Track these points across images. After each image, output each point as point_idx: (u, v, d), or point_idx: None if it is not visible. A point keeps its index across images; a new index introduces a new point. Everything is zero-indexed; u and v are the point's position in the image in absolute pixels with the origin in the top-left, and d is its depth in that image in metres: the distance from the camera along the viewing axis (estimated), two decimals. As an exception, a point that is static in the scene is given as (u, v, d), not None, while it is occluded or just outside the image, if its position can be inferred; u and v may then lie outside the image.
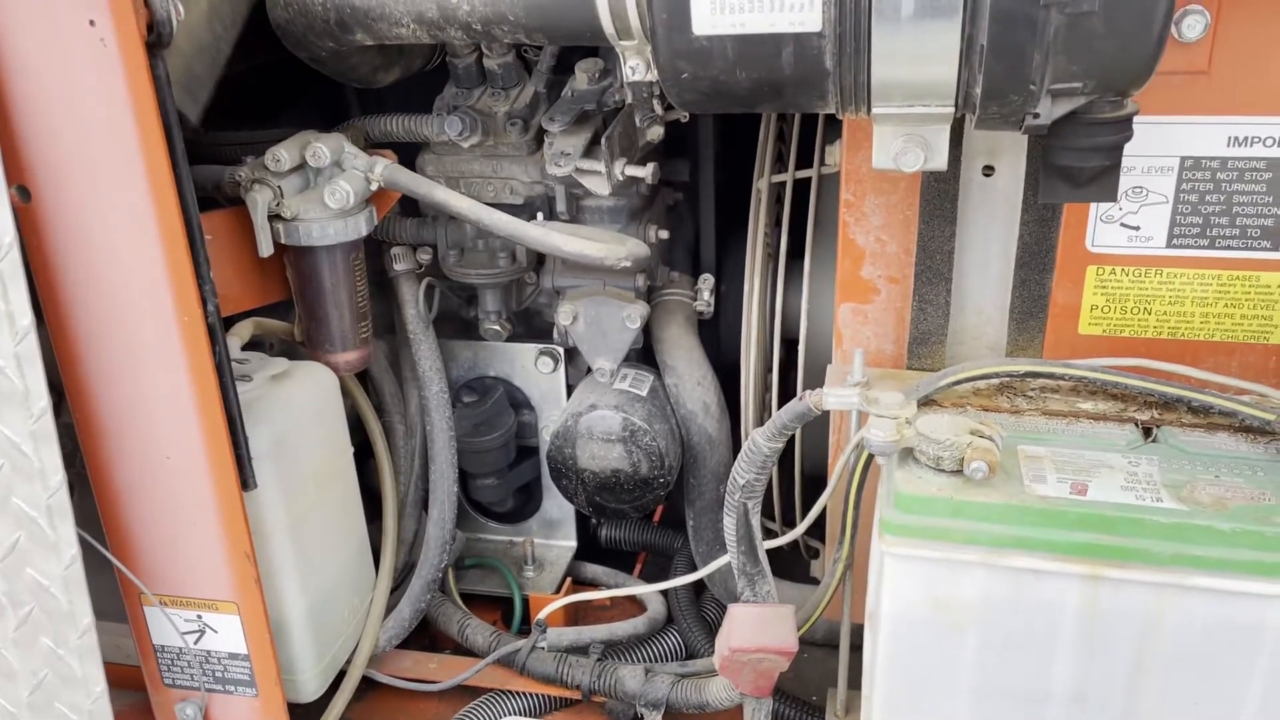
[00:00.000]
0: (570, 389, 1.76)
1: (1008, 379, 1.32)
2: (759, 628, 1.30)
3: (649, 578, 1.87)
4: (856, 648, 1.50)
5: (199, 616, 1.34)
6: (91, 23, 1.04)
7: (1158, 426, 1.23)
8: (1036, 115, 0.98)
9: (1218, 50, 1.16)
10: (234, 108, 1.41)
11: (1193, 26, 1.14)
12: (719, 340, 1.78)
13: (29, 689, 1.31)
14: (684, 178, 1.70)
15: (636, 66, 1.11)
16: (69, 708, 1.31)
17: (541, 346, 1.74)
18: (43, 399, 1.17)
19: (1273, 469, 1.15)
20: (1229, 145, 1.20)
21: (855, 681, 1.51)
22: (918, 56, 0.95)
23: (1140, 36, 0.92)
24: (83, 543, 1.23)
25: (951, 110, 1.01)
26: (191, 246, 1.16)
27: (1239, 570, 1.05)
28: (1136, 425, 1.24)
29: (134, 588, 1.35)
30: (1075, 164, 1.05)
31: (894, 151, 1.07)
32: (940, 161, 1.07)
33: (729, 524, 1.29)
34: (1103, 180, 1.07)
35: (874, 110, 1.02)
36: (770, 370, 1.65)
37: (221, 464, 1.24)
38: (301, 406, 1.38)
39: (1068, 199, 1.10)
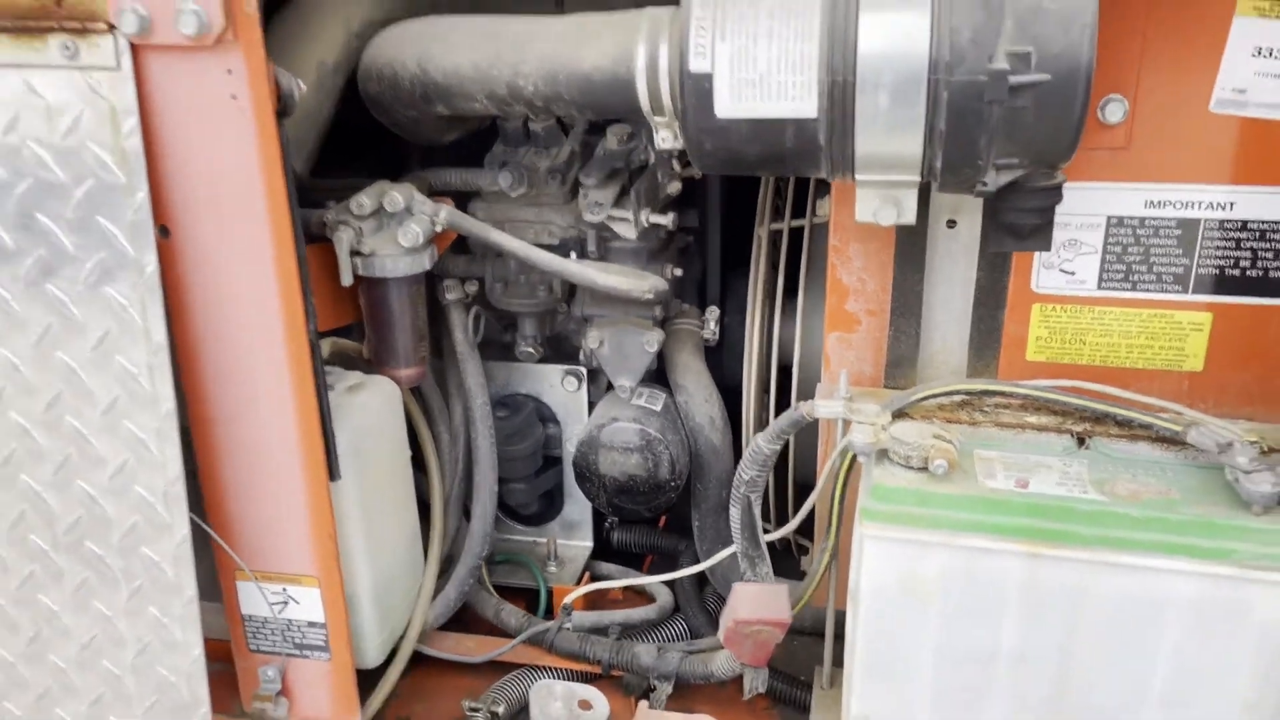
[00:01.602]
0: (591, 405, 2.01)
1: (968, 396, 1.58)
2: (759, 603, 1.55)
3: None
4: (838, 636, 1.75)
5: (284, 589, 1.58)
6: (234, 97, 1.30)
7: (1090, 437, 1.49)
8: (985, 184, 1.25)
9: (1136, 130, 1.43)
10: (319, 157, 1.67)
11: (1114, 112, 1.42)
12: (721, 365, 2.03)
13: (135, 653, 1.54)
14: (694, 224, 1.97)
15: (666, 137, 1.37)
16: (169, 669, 1.55)
17: (567, 368, 1.99)
18: (169, 401, 1.41)
19: (1180, 471, 1.40)
20: (1146, 206, 1.47)
21: (838, 660, 1.76)
22: (891, 138, 1.22)
23: (1063, 125, 1.19)
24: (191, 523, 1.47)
25: (918, 178, 1.27)
26: (300, 276, 1.41)
27: (1148, 549, 1.30)
28: (1072, 435, 1.49)
29: (230, 564, 1.59)
30: (1017, 221, 1.32)
31: (873, 209, 1.34)
32: (910, 218, 1.33)
33: (734, 514, 1.54)
34: (1039, 234, 1.34)
35: (857, 177, 1.28)
36: (768, 391, 1.91)
37: (314, 457, 1.49)
38: (374, 412, 1.63)
39: (1012, 249, 1.37)
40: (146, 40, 1.24)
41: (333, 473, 1.51)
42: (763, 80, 1.24)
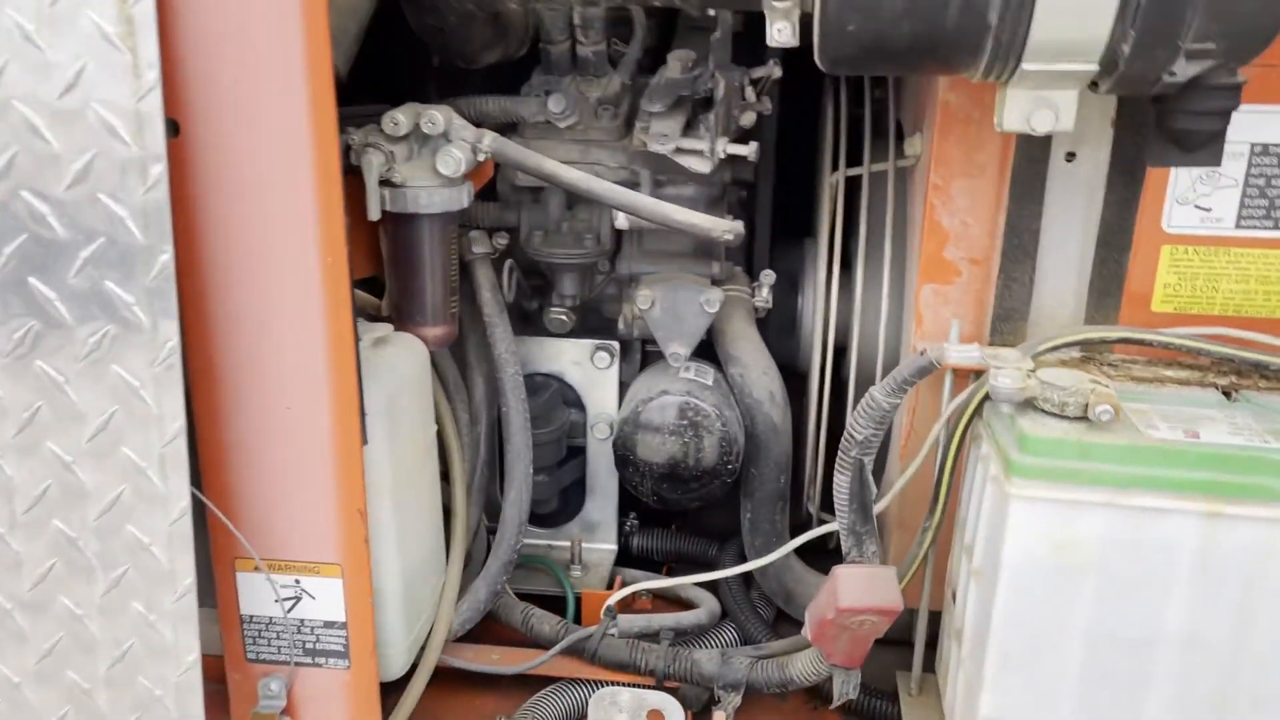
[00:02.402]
0: (623, 387, 1.78)
1: (1089, 350, 1.40)
2: (867, 588, 1.32)
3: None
4: (930, 641, 1.54)
5: (296, 581, 1.30)
6: (273, -41, 1.06)
7: (1236, 390, 1.32)
8: (1173, 74, 1.08)
9: (1288, 44, 1.28)
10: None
11: (1269, 21, 1.27)
12: (768, 343, 1.83)
13: (109, 661, 1.25)
14: (750, 177, 1.77)
15: (783, 29, 1.17)
16: (154, 681, 1.25)
17: (599, 342, 1.76)
18: (172, 339, 1.14)
19: (1352, 421, 1.25)
20: (1295, 133, 1.33)
21: (928, 665, 1.55)
22: (1079, 9, 1.04)
23: (1274, -1, 1.03)
24: (187, 501, 1.19)
25: (1093, 70, 1.09)
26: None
27: (1346, 502, 1.13)
28: (1217, 389, 1.33)
29: (228, 553, 1.30)
30: (1190, 127, 1.15)
31: (1025, 113, 1.15)
32: (1068, 123, 1.15)
33: (841, 481, 1.33)
34: (1212, 145, 1.17)
35: (1022, 67, 1.10)
36: (820, 372, 1.71)
37: (346, 416, 1.23)
38: (406, 370, 1.38)
39: (1177, 163, 1.20)
40: None
41: (363, 436, 1.25)
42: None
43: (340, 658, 1.34)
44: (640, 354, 1.81)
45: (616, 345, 1.76)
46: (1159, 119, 1.17)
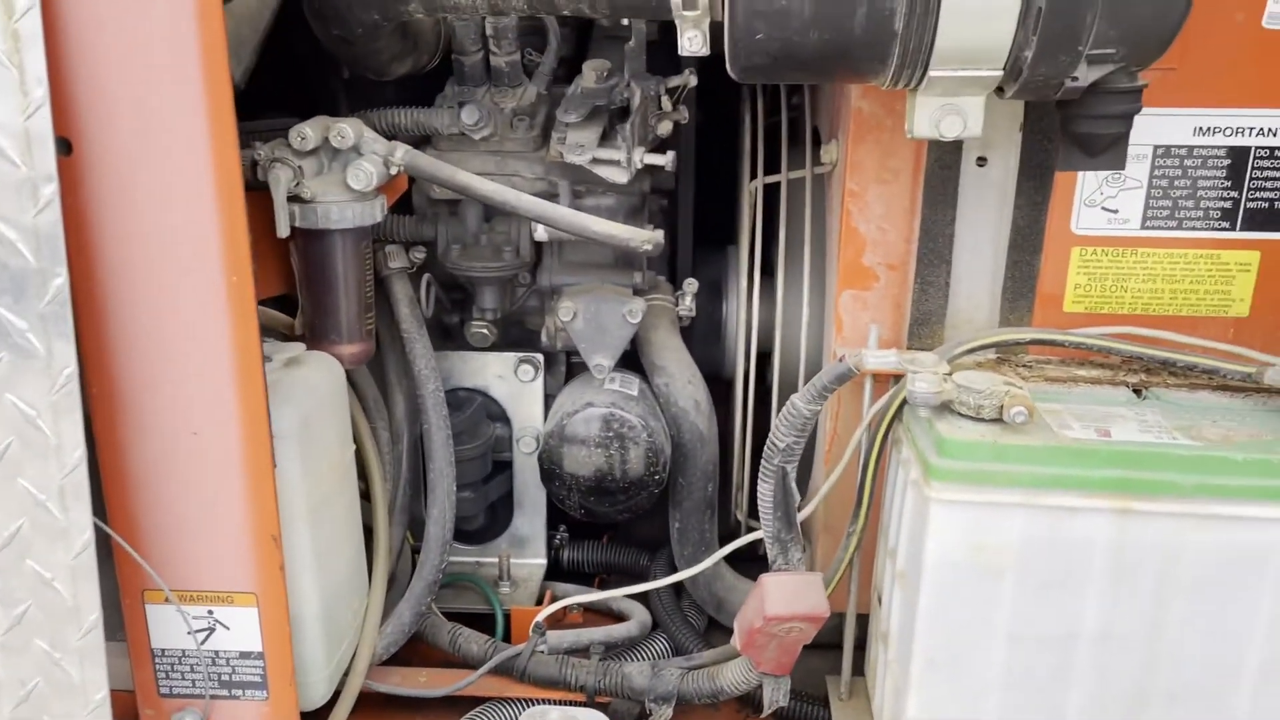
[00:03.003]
0: (548, 400, 1.77)
1: (1003, 352, 1.42)
2: (794, 595, 1.33)
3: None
4: (859, 643, 1.55)
5: (210, 612, 1.26)
6: (166, -31, 1.02)
7: (1146, 388, 1.35)
8: (1076, 79, 1.09)
9: (1186, 49, 1.31)
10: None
11: (1167, 27, 1.30)
12: (691, 351, 1.82)
13: (14, 702, 1.20)
14: (671, 186, 1.76)
15: (694, 38, 1.17)
16: (60, 720, 1.21)
17: (522, 355, 1.74)
18: (69, 365, 1.10)
19: (1257, 415, 1.28)
20: (1195, 134, 1.36)
21: (857, 668, 1.56)
22: (982, 16, 1.05)
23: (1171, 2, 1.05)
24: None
25: (999, 75, 1.11)
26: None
27: (1254, 496, 1.16)
28: (1128, 387, 1.35)
29: (136, 585, 1.26)
30: (1094, 131, 1.17)
31: (934, 119, 1.16)
32: (976, 129, 1.17)
33: (765, 490, 1.32)
34: (1115, 148, 1.19)
35: (930, 74, 1.11)
36: (745, 379, 1.71)
37: (256, 439, 1.19)
38: (321, 391, 1.34)
39: (1083, 168, 1.22)
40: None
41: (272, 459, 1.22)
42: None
43: (258, 689, 1.30)
44: (565, 366, 1.80)
45: (540, 358, 1.74)
46: (1064, 124, 1.19)
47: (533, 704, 1.51)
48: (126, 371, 1.17)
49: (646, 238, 1.41)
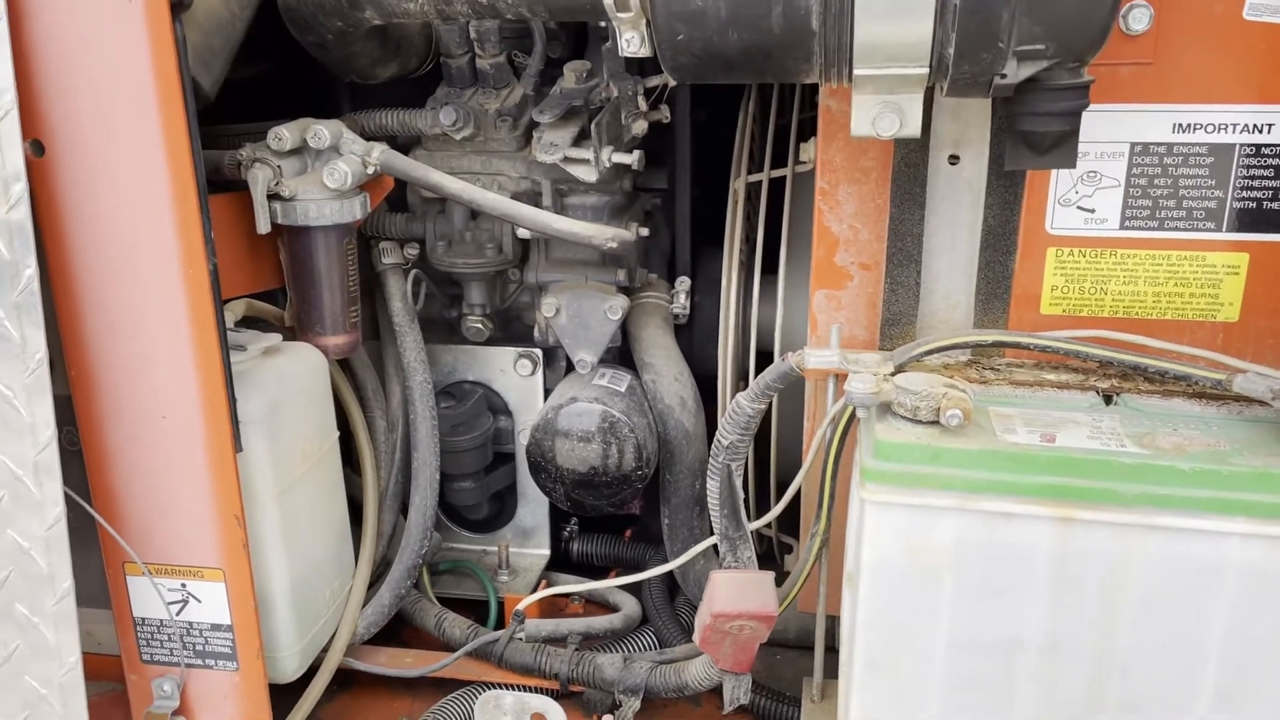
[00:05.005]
0: (548, 393, 1.80)
1: (976, 353, 1.39)
2: (741, 593, 1.33)
3: (622, 587, 1.88)
4: (830, 646, 1.54)
5: (183, 585, 1.34)
6: (118, -21, 1.10)
7: (1117, 394, 1.30)
8: (1004, 76, 1.07)
9: (1162, 41, 1.26)
10: (232, 112, 1.46)
11: (1139, 19, 1.25)
12: (692, 347, 1.84)
13: None
14: (663, 185, 1.78)
15: (632, 39, 1.18)
16: (40, 681, 1.30)
17: (520, 350, 1.78)
18: (40, 351, 1.18)
19: (1225, 424, 1.22)
20: (1174, 131, 1.30)
21: (831, 671, 1.54)
22: (897, 16, 1.04)
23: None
24: (69, 509, 1.23)
25: (925, 72, 1.09)
26: (200, 201, 1.20)
27: (1200, 508, 1.11)
28: (1097, 393, 1.31)
29: (118, 557, 1.34)
30: (1037, 129, 1.14)
31: (871, 118, 1.15)
32: (914, 128, 1.15)
33: (712, 487, 1.33)
34: (1063, 147, 1.16)
35: (855, 72, 1.10)
36: (745, 378, 1.71)
37: (217, 424, 1.26)
38: (293, 379, 1.41)
39: (1031, 165, 1.19)
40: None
41: (236, 443, 1.28)
42: (743, -52, 1.05)
43: (229, 659, 1.37)
44: (566, 361, 1.83)
45: (539, 353, 1.78)
46: (1009, 121, 1.17)
47: (513, 690, 1.55)
48: (103, 358, 1.25)
49: (610, 235, 1.43)
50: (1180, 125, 1.30)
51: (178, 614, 1.35)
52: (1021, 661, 1.21)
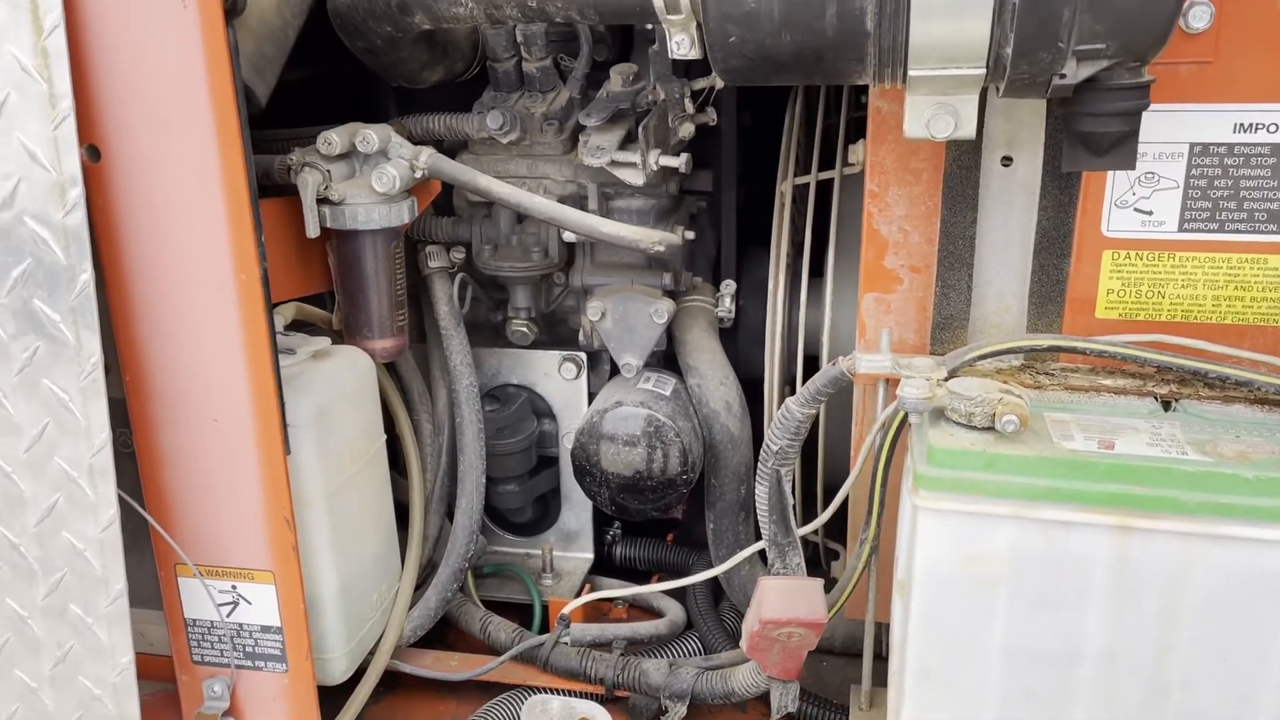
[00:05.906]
0: (592, 397, 1.80)
1: (1030, 358, 1.37)
2: (790, 599, 1.32)
3: (666, 593, 1.87)
4: (879, 654, 1.52)
5: (234, 587, 1.35)
6: (175, -13, 1.11)
7: (1176, 400, 1.28)
8: (1063, 76, 1.05)
9: (1223, 39, 1.24)
10: (278, 117, 1.47)
11: (1199, 17, 1.23)
12: (736, 355, 1.82)
13: (53, 661, 1.31)
14: (707, 188, 1.77)
15: (682, 42, 1.18)
16: (93, 681, 1.31)
17: (565, 353, 1.78)
18: (95, 354, 1.20)
19: (1290, 432, 1.20)
20: (1235, 131, 1.27)
21: (879, 679, 1.53)
22: (954, 13, 1.02)
23: (1159, -2, 1.00)
24: (121, 511, 1.24)
25: (982, 73, 1.07)
26: (251, 206, 1.20)
27: (1265, 517, 1.08)
28: (1156, 398, 1.28)
29: (170, 558, 1.36)
30: (1096, 130, 1.12)
31: (925, 119, 1.14)
32: (969, 129, 1.13)
33: (761, 492, 1.32)
34: (1122, 148, 1.14)
35: (910, 73, 1.08)
36: (790, 383, 1.70)
37: (268, 427, 1.27)
38: (341, 383, 1.42)
39: (1089, 167, 1.17)
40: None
41: (285, 446, 1.29)
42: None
43: (278, 661, 1.38)
44: (610, 364, 1.83)
45: (583, 356, 1.78)
46: (1066, 122, 1.15)
47: (560, 695, 1.55)
48: (156, 361, 1.27)
49: (656, 239, 1.42)
50: (1241, 125, 1.27)
51: (228, 615, 1.36)
52: (1078, 673, 1.19)
